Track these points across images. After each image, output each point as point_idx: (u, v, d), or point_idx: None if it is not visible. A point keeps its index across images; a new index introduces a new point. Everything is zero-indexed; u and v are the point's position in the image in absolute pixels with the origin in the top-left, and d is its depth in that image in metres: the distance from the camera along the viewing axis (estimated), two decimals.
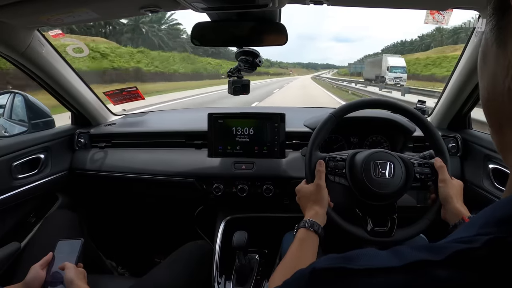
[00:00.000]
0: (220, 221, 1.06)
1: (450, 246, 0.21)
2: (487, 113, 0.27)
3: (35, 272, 0.69)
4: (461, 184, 0.72)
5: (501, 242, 0.19)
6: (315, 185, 0.71)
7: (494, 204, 0.24)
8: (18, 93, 1.14)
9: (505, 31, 0.24)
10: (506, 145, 0.26)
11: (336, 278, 0.24)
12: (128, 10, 0.80)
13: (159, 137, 1.17)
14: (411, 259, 0.22)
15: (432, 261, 0.21)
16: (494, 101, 0.25)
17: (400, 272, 0.21)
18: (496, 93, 0.25)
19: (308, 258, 0.58)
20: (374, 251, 0.25)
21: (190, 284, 0.83)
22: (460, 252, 0.20)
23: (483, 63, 0.27)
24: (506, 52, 0.23)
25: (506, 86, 0.23)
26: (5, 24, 0.80)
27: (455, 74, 0.99)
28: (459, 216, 0.64)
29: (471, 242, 0.20)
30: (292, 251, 0.59)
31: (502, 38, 0.24)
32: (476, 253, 0.20)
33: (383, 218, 0.73)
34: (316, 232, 0.62)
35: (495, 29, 0.25)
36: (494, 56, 0.25)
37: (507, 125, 0.25)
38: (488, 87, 0.26)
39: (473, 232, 0.22)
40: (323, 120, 0.78)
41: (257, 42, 0.87)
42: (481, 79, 0.27)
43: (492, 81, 0.25)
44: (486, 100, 0.27)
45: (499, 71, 0.24)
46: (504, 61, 0.23)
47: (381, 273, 0.22)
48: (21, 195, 0.99)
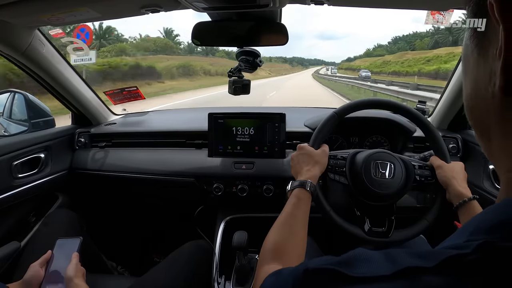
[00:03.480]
0: (220, 221, 1.06)
1: (441, 252, 0.21)
2: (472, 119, 0.27)
3: (34, 271, 0.69)
4: (461, 165, 0.73)
5: (491, 246, 0.19)
6: (320, 150, 0.74)
7: (484, 210, 0.23)
8: (18, 92, 1.14)
9: (485, 39, 0.23)
10: (493, 151, 0.26)
11: (329, 281, 0.24)
12: (128, 10, 0.80)
13: (159, 136, 1.17)
14: (403, 265, 0.21)
15: (423, 268, 0.21)
16: (478, 108, 0.25)
17: (392, 280, 0.21)
18: (479, 99, 0.25)
19: (302, 217, 0.59)
20: (368, 254, 0.25)
21: (190, 284, 0.83)
22: (452, 258, 0.20)
23: (465, 69, 0.27)
24: (487, 59, 0.23)
25: (490, 92, 0.23)
26: (6, 24, 0.80)
27: (455, 75, 0.99)
28: (461, 198, 0.65)
29: (462, 248, 0.20)
30: (289, 210, 0.60)
31: (483, 45, 0.24)
32: (467, 259, 0.20)
33: (381, 218, 0.73)
34: (312, 193, 0.64)
35: (474, 36, 0.24)
36: (475, 63, 0.25)
37: (494, 131, 0.24)
38: (471, 94, 0.26)
39: (464, 238, 0.22)
40: (326, 118, 0.78)
41: (258, 42, 0.87)
42: (464, 86, 0.27)
43: (474, 86, 0.25)
44: (470, 107, 0.26)
45: (481, 77, 0.24)
46: (485, 68, 0.23)
47: (374, 281, 0.22)
48: (21, 194, 0.99)
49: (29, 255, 0.85)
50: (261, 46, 0.88)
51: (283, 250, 0.52)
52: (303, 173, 0.68)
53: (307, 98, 11.76)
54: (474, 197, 0.65)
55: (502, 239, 0.19)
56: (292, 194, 0.64)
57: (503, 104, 0.23)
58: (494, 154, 0.26)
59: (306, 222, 0.60)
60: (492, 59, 0.22)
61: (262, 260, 0.51)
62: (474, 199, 0.64)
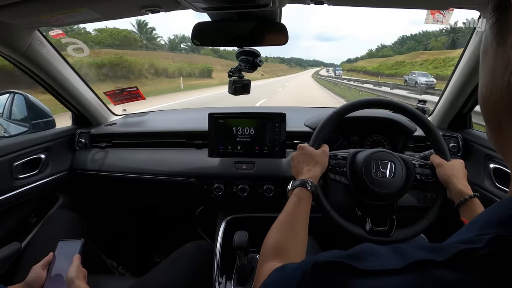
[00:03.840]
0: (220, 221, 1.06)
1: (452, 246, 0.21)
2: (485, 110, 0.27)
3: (36, 273, 0.69)
4: (461, 163, 0.73)
5: (503, 240, 0.19)
6: (321, 150, 0.74)
7: (494, 204, 0.23)
8: (18, 93, 1.14)
9: (504, 28, 0.24)
10: (505, 143, 0.26)
11: (338, 274, 0.24)
12: (129, 10, 0.80)
13: (159, 137, 1.17)
14: (413, 258, 0.21)
15: (434, 261, 0.21)
16: (493, 98, 0.25)
17: (403, 273, 0.21)
18: (495, 89, 0.25)
19: (303, 216, 0.60)
20: (375, 249, 0.25)
21: (191, 284, 0.83)
22: (463, 252, 0.20)
23: (483, 60, 0.27)
24: (506, 48, 0.23)
25: (506, 81, 0.23)
26: (6, 24, 0.80)
27: (455, 74, 0.99)
28: (462, 196, 0.65)
29: (473, 242, 0.20)
30: (290, 209, 0.60)
31: (502, 35, 0.24)
32: (478, 253, 0.20)
33: (382, 218, 0.73)
34: (313, 192, 0.64)
35: (495, 26, 0.25)
36: (493, 53, 0.25)
37: (506, 122, 0.25)
38: (487, 83, 0.26)
39: (474, 233, 0.22)
40: (326, 117, 0.78)
41: (258, 42, 0.87)
42: (481, 77, 0.27)
43: (491, 77, 0.25)
44: (484, 97, 0.27)
45: (498, 67, 0.24)
46: (503, 57, 0.24)
47: (384, 275, 0.22)
48: (21, 195, 0.99)
49: (30, 256, 0.85)
50: (261, 46, 0.88)
51: (284, 249, 0.52)
52: (304, 173, 0.68)
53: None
54: (475, 194, 0.65)
55: None
56: (293, 194, 0.64)
57: None
58: (504, 146, 0.26)
59: (307, 221, 0.60)
60: (510, 47, 0.23)
61: (263, 258, 0.51)
62: (475, 196, 0.64)
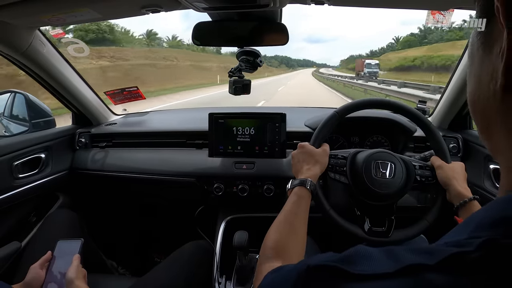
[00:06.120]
0: (220, 221, 1.06)
1: (443, 250, 0.21)
2: (474, 113, 0.28)
3: (34, 272, 0.69)
4: (462, 165, 0.73)
5: (494, 244, 0.19)
6: (321, 149, 0.75)
7: (485, 206, 0.23)
8: (18, 93, 1.14)
9: (490, 36, 0.24)
10: (494, 146, 0.26)
11: (331, 278, 0.24)
12: (129, 10, 0.81)
13: (160, 136, 1.17)
14: (405, 262, 0.21)
15: (425, 265, 0.20)
16: (481, 103, 0.26)
17: (395, 277, 0.21)
18: (482, 95, 0.25)
19: (302, 215, 0.60)
20: (368, 251, 0.25)
21: (191, 284, 0.83)
22: (454, 256, 0.20)
23: (471, 63, 0.27)
24: (491, 57, 0.24)
25: (491, 90, 0.24)
26: (6, 24, 0.80)
27: (456, 75, 0.99)
28: (461, 198, 0.65)
29: (464, 245, 0.20)
30: (289, 208, 0.60)
31: (487, 43, 0.24)
32: (470, 257, 0.19)
33: (381, 218, 0.73)
34: (312, 191, 0.64)
35: (481, 33, 0.25)
36: (480, 60, 0.25)
37: (494, 127, 0.25)
38: (474, 90, 0.27)
39: (465, 235, 0.22)
40: (327, 117, 0.78)
41: (258, 42, 0.87)
42: (468, 82, 0.28)
43: (478, 85, 0.26)
44: (473, 101, 0.27)
45: (484, 76, 0.25)
46: (489, 67, 0.24)
47: (376, 279, 0.22)
48: (21, 194, 0.99)
49: (29, 255, 0.85)
50: (261, 46, 0.89)
51: (283, 248, 0.52)
52: (304, 172, 0.68)
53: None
54: (474, 197, 0.65)
55: (504, 236, 0.19)
56: (292, 192, 0.64)
57: (503, 101, 0.23)
58: (495, 149, 0.26)
59: (306, 220, 0.60)
60: (495, 57, 0.23)
61: (263, 257, 0.51)
62: (475, 199, 0.64)
